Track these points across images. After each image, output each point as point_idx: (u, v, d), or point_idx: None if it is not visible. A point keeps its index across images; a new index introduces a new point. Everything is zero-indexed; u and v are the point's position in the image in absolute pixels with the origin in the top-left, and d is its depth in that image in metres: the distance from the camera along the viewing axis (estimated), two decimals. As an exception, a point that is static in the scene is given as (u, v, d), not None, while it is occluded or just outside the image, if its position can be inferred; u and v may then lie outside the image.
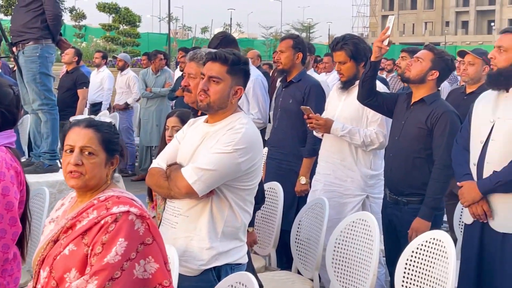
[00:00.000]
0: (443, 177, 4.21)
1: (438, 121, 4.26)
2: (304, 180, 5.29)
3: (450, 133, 4.21)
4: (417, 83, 4.40)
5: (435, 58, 4.37)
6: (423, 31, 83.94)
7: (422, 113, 4.36)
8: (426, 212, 4.23)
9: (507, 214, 3.75)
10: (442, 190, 4.23)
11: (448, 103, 4.55)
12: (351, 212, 4.73)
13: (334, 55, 4.89)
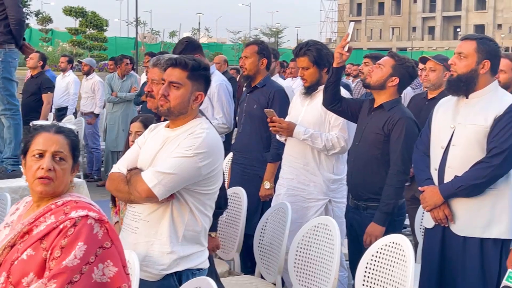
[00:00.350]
0: (397, 183, 4.26)
1: (394, 127, 4.31)
2: (268, 185, 5.33)
3: (406, 139, 4.27)
4: (377, 89, 4.46)
5: (395, 65, 4.42)
6: (390, 36, 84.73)
7: (380, 119, 4.41)
8: (379, 217, 4.28)
9: (468, 218, 3.83)
10: (395, 195, 4.27)
11: (408, 109, 4.60)
12: (314, 216, 4.77)
13: (298, 60, 4.94)
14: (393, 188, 4.26)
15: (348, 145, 4.75)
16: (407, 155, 4.26)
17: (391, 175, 4.28)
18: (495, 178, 3.76)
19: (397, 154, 4.27)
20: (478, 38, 3.89)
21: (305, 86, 4.93)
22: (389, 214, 4.28)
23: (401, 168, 4.24)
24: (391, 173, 4.28)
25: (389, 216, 4.28)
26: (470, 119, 3.84)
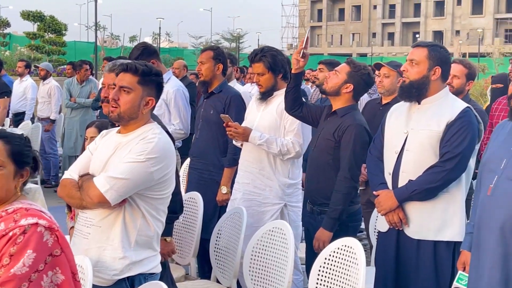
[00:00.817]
0: (344, 189, 4.29)
1: (344, 134, 4.35)
2: (225, 190, 5.36)
3: (354, 146, 4.31)
4: (332, 95, 4.52)
5: (351, 72, 4.45)
6: (350, 42, 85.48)
7: (332, 125, 4.46)
8: (327, 222, 4.31)
9: (422, 221, 3.91)
10: (343, 201, 4.29)
11: (361, 117, 4.60)
12: (270, 220, 4.80)
13: (253, 66, 4.98)
14: (341, 194, 4.29)
15: (303, 150, 4.80)
16: (355, 162, 4.32)
17: (339, 181, 4.32)
18: (448, 182, 3.85)
19: (346, 161, 4.32)
20: (429, 45, 3.98)
21: (261, 91, 4.97)
22: (337, 220, 4.30)
23: (348, 174, 4.29)
24: (339, 179, 4.32)
25: (337, 222, 4.30)
26: (423, 124, 3.92)
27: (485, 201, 3.38)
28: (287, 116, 4.82)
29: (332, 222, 4.30)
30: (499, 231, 3.28)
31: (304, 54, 4.44)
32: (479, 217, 3.43)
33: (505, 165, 3.32)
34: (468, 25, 76.46)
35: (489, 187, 3.37)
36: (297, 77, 4.57)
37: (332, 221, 4.30)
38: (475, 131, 3.91)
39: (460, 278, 3.60)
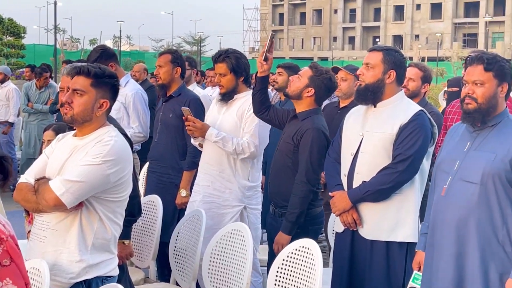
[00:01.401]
0: (300, 192, 4.33)
1: (302, 138, 4.39)
2: (184, 193, 5.37)
3: (312, 150, 4.35)
4: (295, 99, 4.56)
5: (312, 77, 4.49)
6: (312, 46, 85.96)
7: (293, 128, 4.51)
8: (284, 225, 4.36)
9: (375, 222, 3.98)
10: (300, 205, 4.33)
11: (321, 121, 4.62)
12: (230, 222, 4.82)
13: (216, 66, 4.99)
14: (297, 197, 4.34)
15: (258, 151, 4.84)
16: (312, 166, 4.36)
17: (296, 185, 4.36)
18: (401, 183, 3.92)
19: (303, 164, 4.36)
20: (384, 49, 4.05)
21: (221, 92, 4.99)
22: (294, 223, 4.34)
23: (304, 178, 4.33)
24: (296, 183, 4.36)
25: (294, 225, 4.34)
26: (378, 127, 4.00)
27: (439, 201, 3.47)
28: (247, 118, 4.86)
29: (289, 226, 4.34)
30: (453, 231, 3.37)
31: (267, 57, 4.48)
32: (434, 217, 3.52)
33: (458, 167, 3.41)
34: (427, 29, 77.53)
35: (443, 188, 3.46)
36: (263, 81, 4.61)
37: (290, 224, 4.34)
38: (427, 134, 3.99)
39: (415, 278, 3.68)
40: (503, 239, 3.31)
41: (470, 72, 3.41)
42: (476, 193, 3.32)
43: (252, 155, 4.84)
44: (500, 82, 3.38)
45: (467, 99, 3.39)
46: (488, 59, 3.37)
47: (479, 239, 3.32)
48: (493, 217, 3.31)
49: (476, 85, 3.37)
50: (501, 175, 3.29)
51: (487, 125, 3.40)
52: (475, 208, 3.32)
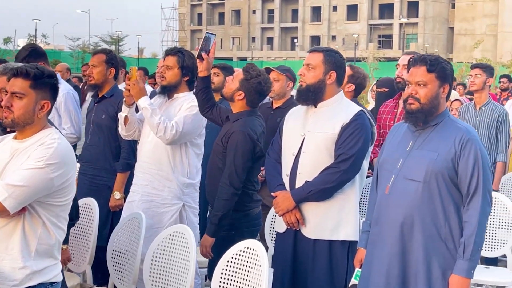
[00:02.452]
0: (224, 195, 4.28)
1: (229, 140, 4.36)
2: (118, 195, 5.29)
3: (236, 153, 4.30)
4: (229, 101, 4.55)
5: (243, 80, 4.45)
6: (231, 46, 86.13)
7: (224, 130, 4.49)
8: (208, 227, 4.32)
9: (318, 221, 4.02)
10: (223, 207, 4.27)
11: (251, 123, 4.49)
12: (170, 220, 4.80)
13: (166, 58, 4.91)
14: (221, 200, 4.29)
15: (179, 138, 4.72)
16: (236, 169, 4.29)
17: (220, 187, 4.31)
18: (343, 182, 3.97)
19: (227, 167, 4.32)
20: (325, 50, 4.10)
21: (162, 83, 4.91)
22: (217, 225, 4.29)
23: (227, 180, 4.28)
24: (220, 185, 4.31)
25: (218, 227, 4.29)
26: (319, 127, 4.04)
27: (383, 199, 3.53)
28: (181, 110, 4.80)
29: (212, 228, 4.30)
30: (397, 228, 3.45)
31: (201, 56, 4.44)
32: (377, 215, 3.58)
33: (401, 165, 3.49)
34: (343, 30, 78.87)
35: (386, 186, 3.52)
36: (204, 80, 4.57)
37: (213, 226, 4.29)
38: (368, 134, 4.07)
39: (357, 275, 3.73)
40: (446, 235, 3.40)
41: (414, 73, 3.48)
42: (420, 191, 3.41)
43: (171, 138, 4.68)
44: (442, 83, 3.47)
45: (410, 99, 3.47)
46: (431, 60, 3.46)
47: (422, 236, 3.40)
48: (436, 214, 3.40)
49: (419, 86, 3.45)
50: (444, 173, 3.38)
51: (429, 125, 3.49)
52: (419, 205, 3.41)
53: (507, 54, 58.35)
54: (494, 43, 68.52)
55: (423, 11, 73.73)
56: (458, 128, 3.45)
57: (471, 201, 3.37)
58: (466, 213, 3.39)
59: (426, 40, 72.70)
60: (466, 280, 3.35)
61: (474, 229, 3.34)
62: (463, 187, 3.39)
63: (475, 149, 3.38)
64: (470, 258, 3.33)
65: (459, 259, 3.35)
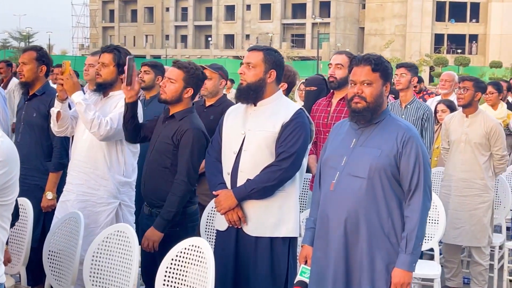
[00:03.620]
0: (180, 192, 4.30)
1: (182, 137, 4.36)
2: (50, 195, 5.20)
3: (192, 149, 4.33)
4: (174, 104, 4.49)
5: (186, 77, 4.45)
6: (144, 43, 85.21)
7: (171, 128, 4.46)
8: (159, 222, 4.30)
9: (259, 218, 4.06)
10: (178, 204, 4.30)
11: (198, 120, 4.59)
12: (106, 220, 4.75)
13: (102, 56, 4.85)
14: (176, 196, 4.30)
15: (112, 135, 4.67)
16: (193, 166, 4.35)
17: (176, 184, 4.32)
18: (284, 180, 4.03)
19: (183, 164, 4.33)
20: (265, 49, 4.15)
21: (97, 81, 4.85)
22: (169, 222, 4.31)
23: (185, 178, 4.31)
24: (176, 182, 4.32)
25: (169, 224, 4.31)
26: (260, 125, 4.08)
27: (328, 196, 3.62)
28: (115, 107, 4.76)
29: (164, 223, 4.31)
30: (342, 223, 3.54)
31: (131, 81, 4.40)
32: (322, 212, 3.66)
33: (345, 162, 3.59)
34: (257, 29, 79.39)
35: (331, 183, 3.61)
36: (132, 106, 4.51)
37: (165, 222, 4.31)
38: (308, 132, 4.15)
39: (302, 271, 3.80)
40: (389, 230, 3.52)
41: (358, 72, 3.58)
42: (364, 187, 3.51)
43: (105, 134, 4.64)
44: (385, 82, 3.60)
45: (356, 98, 3.57)
46: (375, 60, 3.57)
47: (367, 231, 3.51)
48: (379, 209, 3.51)
49: (365, 85, 3.56)
50: (387, 170, 3.50)
51: (371, 123, 3.60)
52: (363, 201, 3.51)
53: (416, 53, 60.39)
54: (403, 43, 70.57)
55: (335, 11, 75.10)
56: (400, 126, 3.58)
57: (412, 196, 3.51)
58: (408, 208, 3.52)
59: (338, 39, 74.10)
60: (408, 273, 3.48)
61: (415, 224, 3.47)
62: (404, 183, 3.52)
63: (416, 146, 3.51)
64: (412, 252, 3.46)
65: (401, 253, 3.48)
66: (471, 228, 6.08)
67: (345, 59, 5.42)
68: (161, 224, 4.31)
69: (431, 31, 71.00)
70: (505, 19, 67.93)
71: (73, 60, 48.37)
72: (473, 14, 71.41)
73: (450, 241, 6.17)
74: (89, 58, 6.26)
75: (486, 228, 6.09)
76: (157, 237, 4.29)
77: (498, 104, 8.47)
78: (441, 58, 50.13)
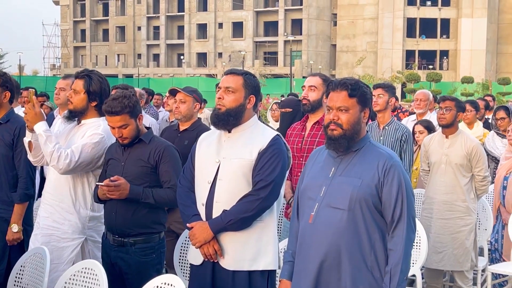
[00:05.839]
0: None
1: (163, 155, 4.35)
2: (16, 228, 4.96)
3: (177, 163, 4.37)
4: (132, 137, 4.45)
5: (128, 107, 4.36)
6: (116, 63, 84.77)
7: (142, 151, 4.37)
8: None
9: (237, 251, 3.85)
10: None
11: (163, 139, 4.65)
12: (70, 256, 4.55)
13: (74, 82, 4.70)
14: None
15: (73, 168, 4.48)
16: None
17: (171, 190, 4.31)
18: (263, 210, 3.84)
19: (171, 174, 4.35)
20: (244, 74, 3.98)
21: (69, 108, 4.68)
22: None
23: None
24: (171, 189, 4.31)
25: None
26: (235, 153, 3.88)
27: (308, 229, 3.42)
28: (84, 137, 4.58)
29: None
30: (323, 258, 3.34)
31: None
32: (302, 245, 3.46)
33: (324, 193, 3.39)
34: (230, 47, 79.35)
35: (310, 215, 3.41)
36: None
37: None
38: (285, 159, 3.96)
39: None
40: (372, 264, 3.33)
41: (334, 98, 3.41)
42: (344, 219, 3.32)
43: (64, 168, 4.44)
44: (363, 108, 3.42)
45: (332, 125, 3.38)
46: (351, 85, 3.39)
47: (349, 265, 3.32)
48: (361, 243, 3.32)
49: (341, 111, 3.38)
50: (368, 200, 3.31)
51: (351, 150, 3.42)
52: (344, 234, 3.32)
53: (388, 70, 60.74)
54: (374, 59, 70.96)
55: (307, 28, 75.33)
56: (381, 154, 3.40)
57: (395, 228, 3.33)
58: (391, 240, 3.33)
59: (310, 57, 74.31)
60: (393, 309, 3.28)
61: (400, 257, 3.29)
62: (387, 214, 3.34)
63: (399, 175, 3.33)
64: (396, 287, 3.27)
65: None
66: (454, 252, 5.93)
67: (318, 81, 5.28)
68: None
69: (402, 48, 71.49)
70: (474, 34, 68.69)
71: (44, 81, 47.72)
72: (443, 30, 72.07)
73: (432, 266, 6.00)
74: (60, 81, 6.06)
75: (468, 251, 5.94)
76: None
77: (475, 122, 8.38)
78: (413, 74, 50.34)
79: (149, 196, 4.30)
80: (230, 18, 79.43)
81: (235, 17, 79.08)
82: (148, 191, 4.31)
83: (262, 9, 79.33)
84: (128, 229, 4.32)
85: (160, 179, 4.39)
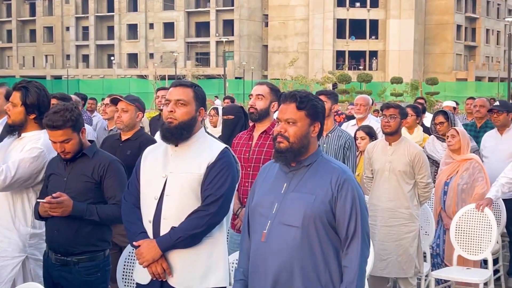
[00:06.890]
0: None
1: (108, 169, 4.21)
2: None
3: (123, 178, 4.23)
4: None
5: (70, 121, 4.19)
6: (44, 63, 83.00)
7: (86, 166, 4.20)
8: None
9: (186, 269, 3.71)
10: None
11: (108, 152, 4.51)
12: (10, 275, 4.36)
13: (12, 94, 4.50)
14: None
15: (9, 183, 4.29)
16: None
17: (116, 206, 4.14)
18: (213, 226, 3.72)
19: (115, 189, 4.19)
20: (193, 86, 3.86)
21: (8, 122, 4.50)
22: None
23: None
24: (115, 205, 4.16)
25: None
26: (183, 167, 3.75)
27: (260, 247, 3.33)
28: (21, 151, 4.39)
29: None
30: (276, 276, 3.26)
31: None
32: (254, 264, 3.37)
33: (277, 210, 3.31)
34: (161, 48, 78.75)
35: (262, 232, 3.32)
36: None
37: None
38: (234, 172, 3.85)
39: None
40: (326, 282, 3.27)
41: (283, 110, 3.34)
42: (298, 237, 3.24)
43: (0, 184, 4.27)
44: (312, 122, 3.34)
45: (279, 137, 3.31)
46: (301, 97, 3.32)
47: (302, 284, 3.24)
48: (316, 260, 3.25)
49: (289, 124, 3.31)
50: (322, 217, 3.24)
51: (302, 165, 3.35)
52: (298, 252, 3.24)
53: (320, 70, 61.31)
54: (306, 60, 71.63)
55: (238, 29, 75.44)
56: (334, 168, 3.33)
57: (350, 244, 3.26)
58: (346, 257, 3.27)
59: (243, 57, 74.41)
60: (349, 328, 3.22)
61: (354, 274, 3.23)
62: (341, 230, 3.27)
63: (352, 190, 3.27)
64: None
65: None
66: (398, 259, 5.95)
67: (266, 89, 5.20)
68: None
69: (332, 48, 72.39)
70: (402, 35, 70.14)
71: (-31, 83, 46.33)
72: (372, 31, 73.31)
73: (377, 273, 6.00)
74: None
75: (412, 258, 5.97)
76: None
77: (415, 127, 8.44)
78: (344, 75, 50.95)
79: (93, 213, 4.13)
80: (161, 19, 78.86)
81: (166, 18, 78.57)
82: (92, 208, 4.14)
83: (194, 10, 79.08)
84: (71, 248, 4.15)
85: (105, 195, 4.23)
